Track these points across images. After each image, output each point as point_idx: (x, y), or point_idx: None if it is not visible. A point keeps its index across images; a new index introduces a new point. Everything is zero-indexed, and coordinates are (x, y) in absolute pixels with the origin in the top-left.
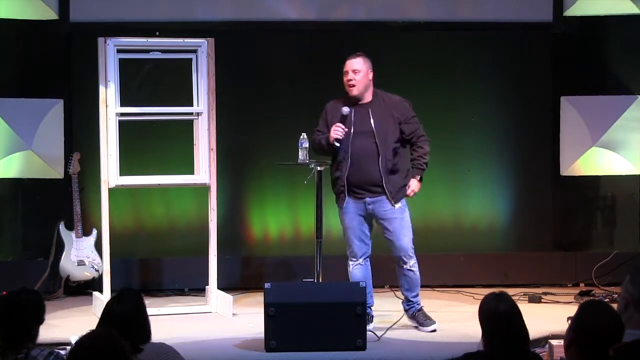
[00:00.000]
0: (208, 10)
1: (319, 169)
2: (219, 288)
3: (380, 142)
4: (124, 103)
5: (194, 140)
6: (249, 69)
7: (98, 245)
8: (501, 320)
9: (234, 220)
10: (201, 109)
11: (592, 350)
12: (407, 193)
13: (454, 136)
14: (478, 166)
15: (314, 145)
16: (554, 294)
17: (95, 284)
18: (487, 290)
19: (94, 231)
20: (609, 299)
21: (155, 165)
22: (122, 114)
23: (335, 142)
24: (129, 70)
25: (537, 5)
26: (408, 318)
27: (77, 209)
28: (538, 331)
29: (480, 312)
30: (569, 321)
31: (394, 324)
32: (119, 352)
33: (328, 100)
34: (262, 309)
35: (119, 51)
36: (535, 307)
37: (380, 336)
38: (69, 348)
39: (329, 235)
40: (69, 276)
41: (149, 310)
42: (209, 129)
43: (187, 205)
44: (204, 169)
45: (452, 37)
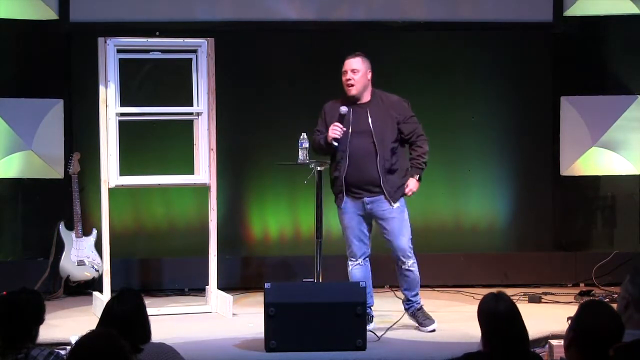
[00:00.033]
0: (208, 10)
1: (319, 169)
2: (219, 288)
3: (378, 142)
4: (124, 103)
5: (194, 140)
6: (249, 69)
7: (98, 245)
8: (500, 320)
9: (234, 220)
10: (201, 109)
11: (592, 350)
12: (405, 192)
13: (454, 136)
14: (478, 166)
15: (313, 145)
16: (554, 294)
17: (95, 284)
18: (487, 290)
19: (94, 231)
20: (609, 299)
21: (155, 165)
22: (122, 114)
23: (333, 142)
24: (129, 70)
25: (537, 5)
26: (409, 316)
27: (77, 209)
28: (538, 331)
29: (479, 313)
30: (569, 321)
31: (394, 324)
32: (119, 352)
33: (328, 100)
34: (262, 309)
35: (119, 51)
36: (535, 307)
37: (380, 336)
38: (69, 348)
39: (329, 235)
40: (69, 276)
41: (149, 310)
42: (209, 129)
43: (187, 205)
44: (204, 169)
45: (452, 37)
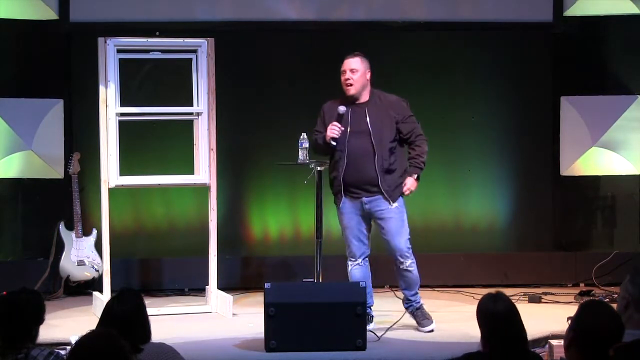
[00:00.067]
0: (208, 10)
1: (319, 169)
2: (219, 288)
3: (376, 142)
4: (124, 103)
5: (194, 140)
6: (249, 69)
7: (98, 245)
8: (499, 320)
9: (234, 220)
10: (201, 109)
11: (592, 350)
12: (403, 191)
13: (454, 136)
14: (478, 166)
15: (312, 145)
16: (554, 294)
17: (95, 284)
18: (487, 290)
19: (94, 231)
20: (609, 299)
21: (155, 165)
22: (122, 114)
23: (332, 141)
24: (129, 70)
25: (537, 5)
26: (409, 315)
27: (77, 209)
28: (538, 331)
29: (477, 313)
30: (569, 321)
31: (394, 324)
32: (119, 352)
33: (327, 100)
34: (262, 309)
35: (119, 51)
36: (535, 307)
37: (380, 336)
38: (69, 348)
39: (329, 235)
40: (69, 276)
41: (149, 310)
42: (209, 129)
43: (187, 205)
44: (204, 169)
45: (452, 37)
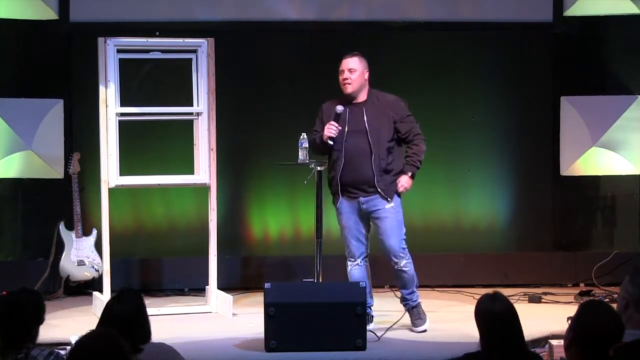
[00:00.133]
0: (208, 10)
1: (319, 169)
2: (219, 288)
3: (373, 141)
4: (124, 103)
5: (194, 140)
6: (249, 69)
7: (98, 245)
8: (497, 320)
9: (234, 220)
10: (201, 109)
11: (592, 350)
12: (397, 188)
13: (454, 136)
14: (478, 166)
15: (311, 145)
16: (554, 294)
17: (95, 284)
18: (487, 291)
19: (94, 231)
20: (609, 299)
21: (155, 165)
22: (122, 114)
23: (329, 141)
24: (129, 70)
25: (537, 5)
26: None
27: (77, 209)
28: (538, 331)
29: (476, 313)
30: (569, 321)
31: (394, 324)
32: (119, 352)
33: (327, 100)
34: (262, 309)
35: (119, 51)
36: (535, 307)
37: (380, 336)
38: (69, 348)
39: (329, 235)
40: (69, 276)
41: (149, 310)
42: (209, 129)
43: (187, 205)
44: (204, 169)
45: (452, 37)
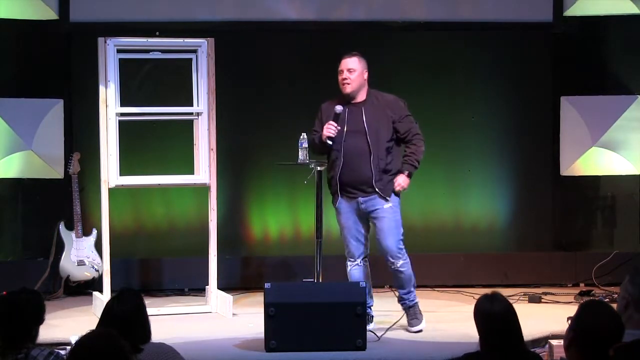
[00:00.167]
0: (208, 10)
1: (319, 169)
2: (219, 288)
3: (372, 141)
4: (124, 103)
5: (194, 140)
6: (249, 69)
7: (98, 245)
8: (496, 320)
9: (234, 220)
10: (201, 109)
11: (592, 350)
12: (394, 187)
13: (454, 136)
14: (478, 166)
15: (310, 145)
16: (554, 294)
17: (95, 284)
18: (488, 291)
19: (94, 231)
20: (609, 299)
21: (155, 165)
22: (122, 114)
23: (328, 140)
24: (129, 70)
25: (537, 5)
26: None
27: (77, 209)
28: (538, 331)
29: (475, 313)
30: (569, 321)
31: (394, 324)
32: (119, 352)
33: (326, 100)
34: (262, 309)
35: (119, 51)
36: (535, 307)
37: (380, 336)
38: (69, 348)
39: (329, 235)
40: (69, 276)
41: (149, 310)
42: (209, 129)
43: (187, 205)
44: (204, 169)
45: (452, 37)
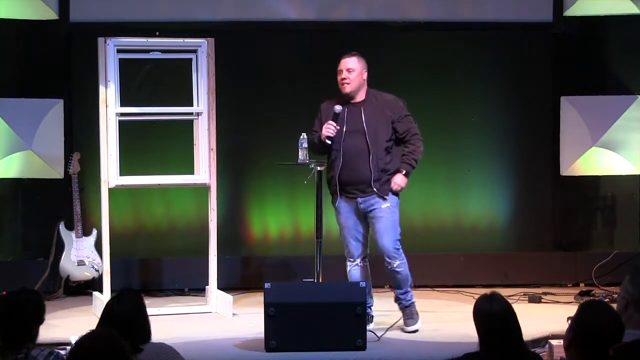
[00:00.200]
0: (208, 10)
1: (319, 169)
2: (219, 288)
3: (371, 141)
4: (124, 103)
5: (194, 140)
6: (249, 69)
7: (98, 245)
8: (495, 320)
9: (234, 220)
10: (201, 109)
11: (592, 350)
12: (391, 186)
13: (454, 136)
14: (478, 166)
15: (310, 145)
16: (554, 294)
17: (95, 284)
18: (487, 291)
19: (94, 231)
20: (609, 299)
21: (155, 165)
22: (122, 114)
23: (327, 140)
24: (129, 70)
25: (537, 5)
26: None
27: (77, 209)
28: (538, 331)
29: (474, 314)
30: (569, 321)
31: (394, 324)
32: (119, 352)
33: (326, 100)
34: (262, 309)
35: (119, 51)
36: (535, 307)
37: (380, 336)
38: (69, 348)
39: (329, 235)
40: (69, 276)
41: (149, 310)
42: (209, 129)
43: (187, 205)
44: (204, 169)
45: (452, 37)
